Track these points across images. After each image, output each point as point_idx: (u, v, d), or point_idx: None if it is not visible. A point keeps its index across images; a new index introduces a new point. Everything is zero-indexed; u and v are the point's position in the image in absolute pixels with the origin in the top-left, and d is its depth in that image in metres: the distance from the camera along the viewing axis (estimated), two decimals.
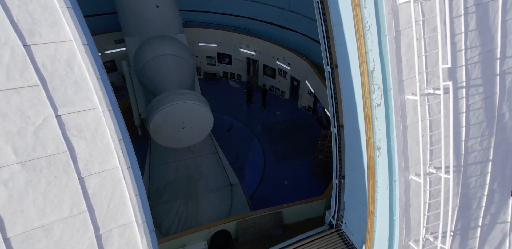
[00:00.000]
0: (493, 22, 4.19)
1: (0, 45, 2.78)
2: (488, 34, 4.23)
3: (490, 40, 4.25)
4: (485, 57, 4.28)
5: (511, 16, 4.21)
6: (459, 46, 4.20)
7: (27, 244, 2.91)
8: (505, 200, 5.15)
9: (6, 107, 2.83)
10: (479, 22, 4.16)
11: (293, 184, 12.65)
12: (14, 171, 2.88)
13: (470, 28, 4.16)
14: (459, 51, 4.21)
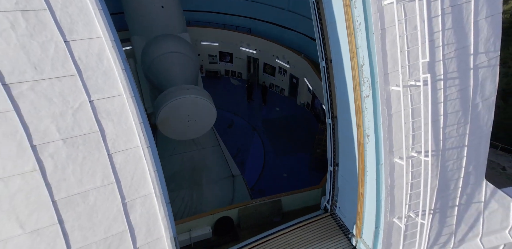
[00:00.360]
0: (467, 22, 4.75)
1: (47, 41, 3.34)
2: (462, 33, 4.79)
3: (464, 38, 4.81)
4: (460, 53, 4.84)
5: (483, 17, 4.77)
6: (437, 43, 4.76)
7: (69, 207, 3.48)
8: (479, 181, 5.71)
9: (51, 93, 3.39)
10: (454, 21, 4.72)
11: (292, 177, 13.19)
12: (58, 146, 3.44)
13: (446, 27, 4.72)
14: (437, 47, 4.77)
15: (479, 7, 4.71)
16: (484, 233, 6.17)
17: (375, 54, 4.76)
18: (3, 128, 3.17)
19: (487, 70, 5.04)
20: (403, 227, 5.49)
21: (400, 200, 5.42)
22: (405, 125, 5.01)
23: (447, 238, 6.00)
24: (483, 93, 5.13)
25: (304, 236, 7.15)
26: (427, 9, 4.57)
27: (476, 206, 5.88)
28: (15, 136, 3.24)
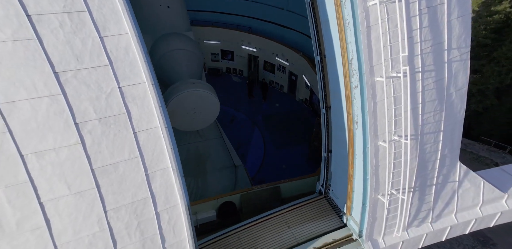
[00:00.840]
0: (441, 21, 5.45)
1: (86, 37, 4.04)
2: (437, 30, 5.49)
3: (439, 35, 5.51)
4: (436, 48, 5.54)
5: (455, 17, 5.46)
6: (415, 39, 5.45)
7: (104, 175, 4.19)
8: (454, 163, 6.41)
9: (89, 80, 4.09)
10: (430, 21, 5.42)
11: (290, 168, 13.90)
12: (94, 124, 4.15)
13: (423, 25, 5.41)
14: (415, 43, 5.46)
15: (451, 8, 5.41)
16: (458, 209, 6.88)
17: (362, 49, 5.45)
18: (54, 108, 3.87)
19: (459, 64, 5.74)
20: (386, 203, 6.20)
21: (384, 178, 6.13)
22: (388, 112, 5.71)
23: (426, 213, 6.71)
24: (456, 84, 5.83)
25: (300, 216, 7.86)
26: (406, 10, 5.26)
27: (451, 185, 6.58)
28: (62, 115, 3.93)
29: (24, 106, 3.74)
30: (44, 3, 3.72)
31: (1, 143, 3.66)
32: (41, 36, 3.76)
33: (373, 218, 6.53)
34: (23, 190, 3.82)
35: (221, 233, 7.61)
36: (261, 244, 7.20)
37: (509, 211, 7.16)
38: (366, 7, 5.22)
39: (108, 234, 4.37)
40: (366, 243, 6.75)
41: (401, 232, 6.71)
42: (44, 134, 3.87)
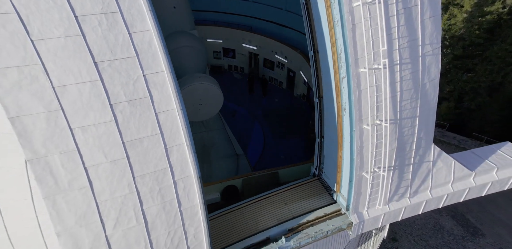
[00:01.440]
0: (415, 20, 6.30)
1: (118, 33, 4.88)
2: (412, 28, 6.34)
3: (414, 32, 6.36)
4: (411, 44, 6.40)
5: (427, 17, 6.31)
6: (393, 36, 6.30)
7: (132, 147, 5.05)
8: (429, 145, 7.27)
9: (120, 68, 4.94)
10: (406, 20, 6.27)
11: (288, 158, 14.74)
12: (124, 105, 5.00)
13: (400, 24, 6.26)
14: (394, 39, 6.31)
15: (424, 10, 6.26)
16: (433, 186, 7.74)
17: (348, 44, 6.29)
18: (94, 91, 4.72)
19: (432, 58, 6.59)
20: (370, 179, 7.07)
21: (367, 158, 6.99)
22: (370, 99, 6.57)
23: (404, 189, 7.58)
24: (430, 75, 6.69)
25: (295, 194, 8.73)
26: (385, 10, 6.11)
27: (426, 165, 7.44)
28: (100, 97, 4.78)
29: (72, 90, 4.59)
30: (87, 7, 4.56)
31: (56, 118, 4.51)
32: (85, 33, 4.60)
33: (358, 193, 7.40)
34: (72, 157, 4.67)
35: (226, 209, 8.49)
36: (262, 218, 8.07)
37: (476, 187, 8.03)
38: (351, 7, 6.07)
39: (136, 196, 5.23)
40: (352, 215, 7.63)
41: (382, 206, 7.59)
42: (87, 112, 4.73)
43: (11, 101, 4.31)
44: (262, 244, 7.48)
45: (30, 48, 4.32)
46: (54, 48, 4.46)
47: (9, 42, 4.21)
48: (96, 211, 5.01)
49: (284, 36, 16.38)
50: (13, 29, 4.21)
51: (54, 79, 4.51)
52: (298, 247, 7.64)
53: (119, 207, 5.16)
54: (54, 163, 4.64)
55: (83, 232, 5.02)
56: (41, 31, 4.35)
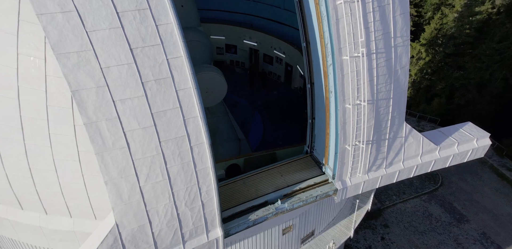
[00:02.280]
0: (388, 16, 7.48)
1: (148, 26, 6.06)
2: (386, 23, 7.52)
3: (387, 26, 7.55)
4: (385, 36, 7.59)
5: (398, 14, 7.50)
6: (370, 29, 7.48)
7: (158, 117, 6.26)
8: (401, 123, 8.48)
9: (149, 54, 6.13)
10: (380, 16, 7.45)
11: (285, 144, 15.95)
12: (152, 84, 6.19)
13: (376, 19, 7.44)
14: (370, 32, 7.50)
15: (395, 8, 7.44)
16: (405, 158, 8.96)
17: (333, 36, 7.45)
18: (130, 72, 5.91)
19: (402, 48, 7.79)
20: (352, 150, 8.29)
21: (349, 133, 8.20)
22: (351, 82, 7.77)
23: (381, 161, 8.80)
24: (401, 63, 7.88)
25: (290, 168, 9.95)
26: (363, 8, 7.27)
27: (399, 140, 8.65)
28: (134, 76, 5.97)
29: (114, 70, 5.78)
30: (125, 5, 5.75)
31: (103, 92, 5.71)
32: (123, 26, 5.79)
33: (342, 163, 8.62)
34: (115, 123, 5.88)
35: (230, 180, 9.71)
36: (261, 186, 9.30)
37: (440, 159, 9.27)
38: (335, 5, 7.23)
39: (161, 157, 6.43)
40: (337, 182, 8.86)
41: (362, 174, 8.83)
42: (125, 88, 5.92)
43: (72, 78, 5.52)
44: (261, 206, 8.72)
45: (85, 37, 5.51)
46: (102, 38, 5.65)
47: (71, 33, 5.40)
48: (132, 167, 6.23)
49: (282, 33, 17.47)
50: (74, 23, 5.40)
51: (102, 62, 5.71)
52: (291, 209, 8.87)
53: (149, 164, 6.37)
54: (102, 127, 5.85)
55: (123, 182, 6.25)
56: (93, 24, 5.54)
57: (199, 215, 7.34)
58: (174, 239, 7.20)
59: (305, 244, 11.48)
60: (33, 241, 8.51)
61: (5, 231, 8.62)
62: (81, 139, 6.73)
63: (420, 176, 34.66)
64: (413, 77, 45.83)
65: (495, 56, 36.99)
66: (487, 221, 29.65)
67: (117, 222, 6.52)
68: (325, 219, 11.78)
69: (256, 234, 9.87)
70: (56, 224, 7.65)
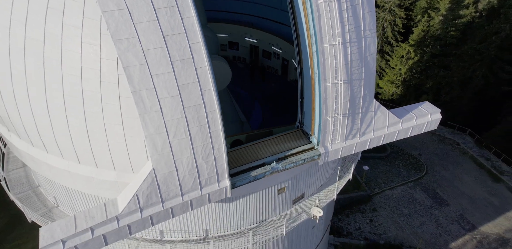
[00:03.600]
0: (359, 13, 9.30)
1: (176, 19, 7.87)
2: (357, 19, 9.35)
3: (358, 21, 9.37)
4: (356, 29, 9.41)
5: (366, 11, 9.32)
6: (345, 23, 9.28)
7: (182, 89, 8.08)
8: (371, 100, 10.31)
9: (176, 40, 7.94)
10: (353, 13, 9.27)
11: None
12: (178, 63, 8.01)
13: (349, 15, 9.25)
14: (345, 25, 9.30)
15: (364, 6, 9.27)
16: (374, 129, 10.80)
17: (316, 28, 9.26)
18: (163, 53, 7.72)
19: (370, 39, 9.61)
20: (331, 121, 10.11)
21: (329, 106, 10.02)
22: (331, 65, 9.58)
23: (356, 131, 10.64)
24: (370, 51, 9.72)
25: (283, 139, 11.77)
26: (338, 6, 9.04)
27: (370, 114, 10.48)
28: (166, 57, 7.78)
29: (152, 52, 7.62)
30: (160, 3, 7.57)
31: (144, 69, 7.56)
32: (159, 19, 7.62)
33: (324, 132, 10.46)
34: (152, 92, 7.72)
35: (234, 148, 11.52)
36: (260, 152, 11.13)
37: (403, 130, 11.14)
38: (317, 3, 9.02)
39: (185, 120, 8.25)
40: (320, 148, 10.70)
41: (341, 142, 10.66)
42: (159, 66, 7.75)
43: (124, 58, 7.36)
44: (260, 166, 10.56)
45: (133, 28, 7.36)
46: (144, 28, 7.49)
47: (123, 24, 7.25)
48: (164, 126, 8.08)
49: (279, 31, 19.16)
50: (126, 17, 7.25)
51: (143, 45, 7.55)
52: (284, 169, 10.72)
53: (176, 125, 8.22)
54: (143, 94, 7.72)
55: (157, 138, 8.11)
56: (138, 18, 7.39)
57: (212, 167, 9.19)
58: (194, 184, 9.05)
59: (296, 205, 13.33)
60: (85, 189, 10.38)
61: (64, 181, 10.50)
62: (124, 108, 8.58)
63: (407, 166, 36.60)
64: (403, 76, 47.71)
65: (476, 56, 38.91)
66: (465, 205, 31.62)
67: (154, 167, 8.38)
68: (313, 185, 13.61)
69: (257, 191, 11.71)
70: (104, 175, 9.54)
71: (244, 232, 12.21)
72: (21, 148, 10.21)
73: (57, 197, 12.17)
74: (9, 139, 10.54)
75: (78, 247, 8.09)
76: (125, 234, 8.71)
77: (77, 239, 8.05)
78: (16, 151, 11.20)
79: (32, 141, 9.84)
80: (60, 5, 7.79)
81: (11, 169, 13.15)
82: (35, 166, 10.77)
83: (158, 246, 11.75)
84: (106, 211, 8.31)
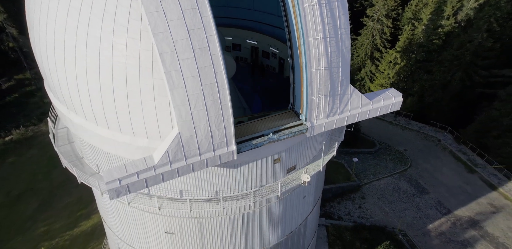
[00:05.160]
0: (336, 15, 11.59)
1: (197, 17, 10.16)
2: (335, 19, 11.62)
3: (335, 21, 11.62)
4: (334, 27, 11.70)
5: (341, 14, 11.61)
6: (325, 22, 11.53)
7: (201, 70, 10.33)
8: (347, 84, 12.56)
9: (197, 32, 10.20)
10: (331, 15, 11.53)
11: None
12: (198, 50, 10.26)
13: (328, 16, 11.53)
14: (325, 24, 11.56)
15: (339, 10, 11.57)
16: (350, 108, 13.04)
17: (303, 26, 11.53)
18: (187, 43, 9.97)
19: (345, 35, 11.91)
20: (316, 100, 12.34)
21: (314, 88, 12.26)
22: (314, 55, 11.83)
23: (335, 110, 12.86)
24: (345, 44, 12.00)
25: (278, 117, 13.97)
26: (320, 9, 11.32)
27: (347, 96, 12.72)
28: (189, 46, 10.00)
29: (179, 42, 9.88)
30: (185, 5, 9.86)
31: (174, 54, 9.79)
32: (185, 17, 9.90)
33: (311, 110, 12.68)
34: (179, 72, 9.95)
35: (238, 125, 13.69)
36: (259, 127, 13.32)
37: (373, 110, 13.41)
38: (304, 7, 11.31)
39: (202, 94, 10.45)
40: (307, 123, 12.91)
41: (323, 118, 12.88)
42: (184, 52, 9.98)
43: (160, 46, 9.67)
44: (259, 137, 12.74)
45: (166, 24, 9.66)
46: (174, 24, 9.77)
47: (160, 22, 9.56)
48: (187, 99, 10.32)
49: (276, 34, 21.26)
50: (162, 16, 9.56)
51: (173, 37, 9.82)
52: (278, 140, 12.90)
53: (196, 98, 10.44)
54: (173, 74, 9.96)
55: (182, 108, 10.35)
56: (170, 17, 9.68)
57: (222, 134, 11.39)
58: (208, 147, 11.25)
59: (289, 174, 15.48)
60: (123, 154, 12.61)
61: (108, 148, 12.73)
62: (156, 87, 10.81)
63: (394, 160, 38.74)
64: (391, 80, 50.12)
65: (454, 62, 41.49)
66: (443, 193, 33.79)
67: (179, 131, 10.60)
68: (303, 159, 15.76)
69: (256, 160, 13.87)
70: (139, 142, 11.78)
71: (246, 194, 14.33)
72: (77, 121, 12.49)
73: (99, 164, 14.35)
74: (68, 115, 12.81)
75: (129, 185, 10.35)
76: (159, 180, 10.93)
77: (127, 179, 10.31)
78: (72, 125, 13.45)
79: (86, 116, 12.10)
80: (113, 9, 10.11)
81: (60, 144, 15.70)
82: (87, 137, 13.06)
83: (178, 203, 13.88)
84: (146, 162, 10.53)
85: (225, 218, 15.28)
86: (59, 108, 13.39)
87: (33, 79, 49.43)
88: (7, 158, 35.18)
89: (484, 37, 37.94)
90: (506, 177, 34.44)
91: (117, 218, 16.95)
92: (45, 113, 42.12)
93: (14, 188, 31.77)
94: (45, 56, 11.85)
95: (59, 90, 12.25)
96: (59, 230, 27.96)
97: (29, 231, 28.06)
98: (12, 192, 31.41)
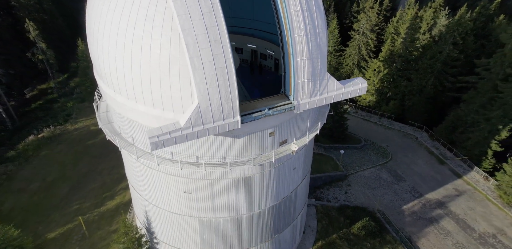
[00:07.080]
0: (314, 19, 14.64)
1: (212, 17, 13.20)
2: (313, 21, 14.69)
3: (314, 23, 14.67)
4: (313, 27, 14.73)
5: (319, 18, 14.69)
6: (307, 24, 14.60)
7: (215, 56, 13.30)
8: (325, 72, 15.53)
9: (212, 29, 13.22)
10: (310, 17, 14.61)
11: None
12: (213, 42, 13.25)
13: (309, 19, 14.60)
14: (306, 25, 14.62)
15: (317, 15, 14.65)
16: (328, 91, 15.97)
17: (290, 26, 14.58)
18: (205, 37, 12.95)
19: (322, 34, 14.95)
20: (301, 83, 15.27)
21: (299, 73, 15.22)
22: (299, 48, 14.82)
23: (316, 92, 15.79)
24: (322, 40, 15.04)
25: (272, 99, 16.87)
26: (302, 14, 14.42)
27: (325, 81, 15.66)
28: (206, 39, 12.99)
29: (200, 36, 12.89)
30: (204, 9, 12.90)
31: (195, 45, 12.76)
32: (204, 17, 12.93)
33: (297, 91, 15.62)
34: (198, 58, 12.92)
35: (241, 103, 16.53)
36: (258, 105, 16.22)
37: (345, 93, 16.34)
38: (290, 12, 14.45)
39: (215, 75, 13.38)
40: (294, 101, 15.81)
41: (307, 98, 15.79)
42: (202, 43, 12.98)
43: (187, 39, 12.69)
44: (258, 112, 15.61)
45: (191, 23, 12.69)
46: (196, 23, 12.81)
47: (186, 21, 12.61)
48: (204, 78, 13.23)
49: (272, 39, 24.29)
50: (187, 17, 12.60)
51: (196, 32, 12.83)
52: (273, 114, 15.77)
53: (211, 78, 13.36)
54: (195, 59, 12.93)
55: (201, 85, 13.30)
56: (193, 17, 12.72)
57: (230, 107, 14.26)
58: (219, 117, 14.12)
59: (281, 146, 18.27)
60: (155, 124, 15.47)
61: (142, 120, 15.65)
62: (181, 72, 13.73)
63: (377, 154, 41.48)
64: (376, 86, 53.43)
65: (428, 70, 44.93)
66: (417, 181, 36.58)
67: (198, 103, 13.49)
68: (293, 134, 18.58)
69: (256, 132, 16.68)
70: (167, 115, 14.71)
71: (248, 160, 17.07)
72: (121, 100, 15.50)
73: (134, 136, 17.21)
74: (113, 96, 15.80)
75: (164, 141, 13.29)
76: (184, 139, 13.86)
77: (163, 137, 13.30)
78: (115, 104, 16.38)
79: (128, 95, 15.08)
80: (152, 13, 13.17)
81: (103, 123, 18.97)
82: (126, 112, 15.96)
83: (194, 167, 16.64)
84: (175, 125, 13.48)
85: (231, 180, 17.96)
86: (106, 91, 16.36)
87: (55, 88, 53.09)
88: (41, 151, 38.70)
89: (451, 49, 41.58)
90: (469, 167, 37.50)
91: (146, 183, 19.62)
92: (70, 115, 45.62)
93: (48, 175, 34.63)
94: (101, 52, 14.90)
95: (109, 77, 15.24)
96: (89, 208, 30.66)
97: (65, 208, 30.83)
98: (47, 179, 34.39)
